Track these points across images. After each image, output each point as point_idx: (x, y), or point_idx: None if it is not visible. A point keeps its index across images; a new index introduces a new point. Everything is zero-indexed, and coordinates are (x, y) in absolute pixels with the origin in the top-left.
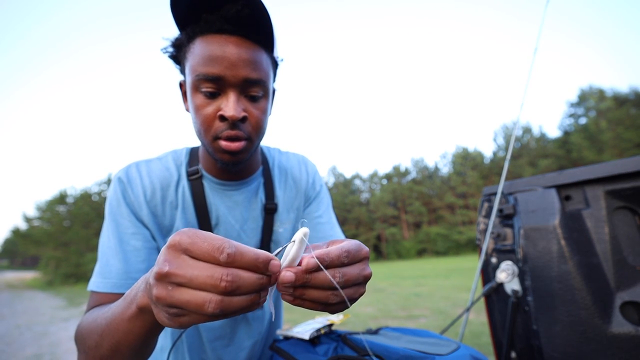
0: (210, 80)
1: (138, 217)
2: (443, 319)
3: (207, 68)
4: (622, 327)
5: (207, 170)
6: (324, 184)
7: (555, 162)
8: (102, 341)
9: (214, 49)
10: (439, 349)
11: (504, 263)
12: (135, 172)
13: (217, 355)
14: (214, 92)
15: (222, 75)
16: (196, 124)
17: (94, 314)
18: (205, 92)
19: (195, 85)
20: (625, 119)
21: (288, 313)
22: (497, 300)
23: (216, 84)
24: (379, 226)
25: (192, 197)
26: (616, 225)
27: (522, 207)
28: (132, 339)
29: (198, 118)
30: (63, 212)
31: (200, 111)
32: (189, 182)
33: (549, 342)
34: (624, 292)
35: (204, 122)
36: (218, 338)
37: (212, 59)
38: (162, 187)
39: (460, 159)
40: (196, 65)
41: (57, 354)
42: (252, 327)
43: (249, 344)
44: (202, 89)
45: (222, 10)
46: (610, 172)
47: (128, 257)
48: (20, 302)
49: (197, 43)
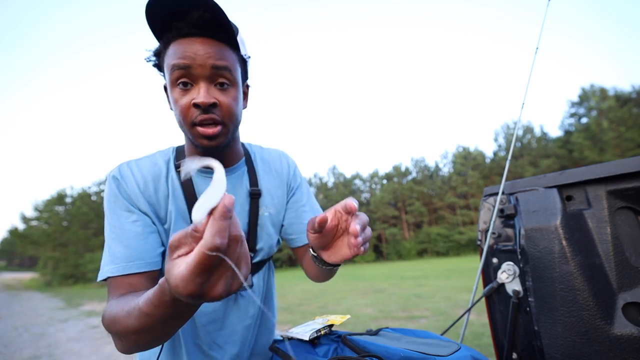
0: (181, 68)
1: (136, 207)
2: (444, 319)
3: (178, 60)
4: (624, 328)
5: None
6: (303, 177)
7: (556, 162)
8: (146, 333)
9: (184, 47)
10: (440, 350)
11: (505, 263)
12: (127, 169)
13: (210, 339)
14: (186, 83)
15: (190, 64)
16: (177, 116)
17: (124, 306)
18: (180, 85)
19: (171, 81)
20: (627, 118)
21: (288, 314)
22: (498, 301)
23: (188, 76)
24: (379, 226)
25: (181, 186)
26: (618, 225)
27: (524, 207)
28: (174, 324)
29: (177, 109)
30: (61, 213)
31: (178, 103)
32: (177, 174)
33: (550, 343)
34: (626, 293)
35: (181, 112)
36: (211, 322)
37: (182, 55)
38: (153, 180)
39: (461, 158)
40: (169, 62)
41: (55, 356)
42: (243, 311)
43: (240, 327)
44: (177, 83)
45: (188, 17)
46: (612, 172)
47: (130, 242)
48: (18, 303)
49: (171, 47)
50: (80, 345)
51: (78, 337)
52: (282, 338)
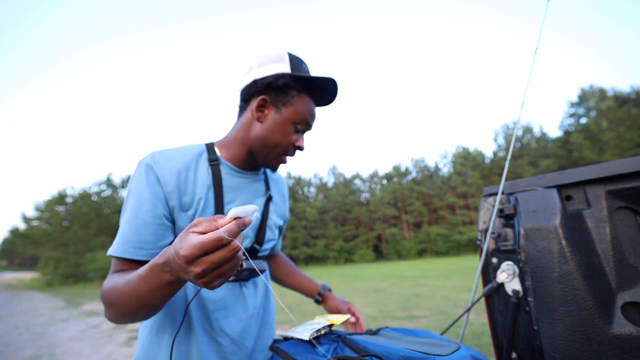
0: (307, 124)
1: (158, 196)
2: (443, 319)
3: (309, 119)
4: (623, 327)
5: (228, 159)
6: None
7: (556, 162)
8: (133, 302)
9: (313, 110)
10: (440, 350)
11: (505, 263)
12: (161, 157)
13: (218, 325)
14: (301, 130)
15: (311, 125)
16: (273, 140)
17: (119, 279)
18: (297, 129)
19: (293, 121)
20: (626, 118)
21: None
22: (497, 301)
23: (305, 129)
24: (379, 226)
25: (212, 177)
26: (617, 225)
27: (523, 207)
28: (160, 300)
29: (282, 139)
30: (62, 212)
31: (287, 137)
32: (210, 166)
33: (549, 343)
34: (626, 293)
35: (284, 143)
36: (218, 309)
37: (312, 116)
38: (185, 169)
39: (460, 158)
40: (302, 113)
41: (56, 355)
42: (246, 301)
43: (245, 316)
44: (297, 126)
45: (330, 99)
46: (612, 172)
47: (139, 230)
48: (19, 303)
49: (307, 100)
50: (80, 345)
51: (79, 336)
52: (282, 338)
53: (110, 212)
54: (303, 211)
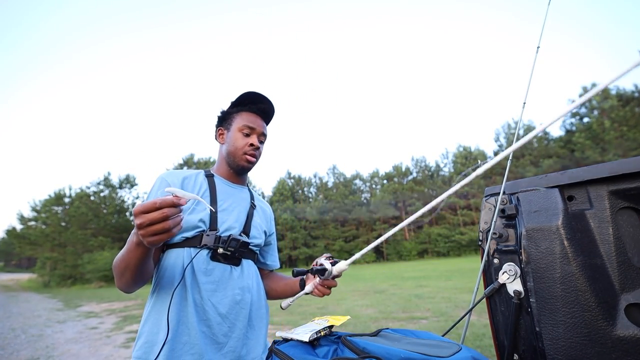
0: (250, 129)
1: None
2: (444, 320)
3: (250, 124)
4: (626, 329)
5: (220, 174)
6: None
7: (558, 162)
8: (121, 264)
9: (252, 119)
10: (441, 351)
11: (506, 264)
12: (171, 172)
13: (207, 296)
14: (247, 134)
15: (254, 128)
16: (233, 146)
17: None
18: (245, 134)
19: (240, 130)
20: (629, 118)
21: (287, 315)
22: (499, 302)
23: (250, 131)
24: (379, 226)
25: (208, 187)
26: (620, 225)
27: (525, 208)
28: (135, 261)
29: (237, 143)
30: (59, 213)
31: (239, 141)
32: (206, 179)
33: (552, 345)
34: (629, 294)
35: (240, 145)
36: (210, 282)
37: (251, 122)
38: (188, 177)
39: (461, 158)
40: (242, 122)
41: (54, 357)
42: (234, 282)
43: (231, 294)
44: (243, 132)
45: (260, 104)
46: (614, 172)
47: None
48: (16, 304)
49: (243, 114)
50: (78, 347)
51: (76, 338)
52: (282, 339)
53: (108, 212)
54: (303, 211)
